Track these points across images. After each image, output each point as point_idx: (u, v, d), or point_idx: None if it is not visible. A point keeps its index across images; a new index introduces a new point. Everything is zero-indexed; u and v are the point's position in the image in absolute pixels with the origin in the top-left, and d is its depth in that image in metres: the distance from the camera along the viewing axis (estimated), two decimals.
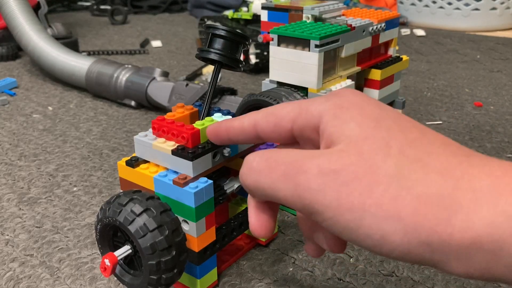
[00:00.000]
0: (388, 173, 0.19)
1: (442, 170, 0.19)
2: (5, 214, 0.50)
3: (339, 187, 0.19)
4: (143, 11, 1.80)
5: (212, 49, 0.37)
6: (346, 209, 0.19)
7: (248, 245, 0.44)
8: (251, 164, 0.22)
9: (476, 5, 1.44)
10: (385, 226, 0.19)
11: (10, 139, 0.69)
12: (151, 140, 0.37)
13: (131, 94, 0.79)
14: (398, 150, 0.20)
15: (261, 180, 0.22)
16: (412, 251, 0.19)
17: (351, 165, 0.19)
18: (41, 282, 0.40)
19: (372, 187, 0.19)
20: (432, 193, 0.18)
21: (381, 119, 0.21)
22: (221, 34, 0.37)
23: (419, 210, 0.18)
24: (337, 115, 0.21)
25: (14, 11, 0.94)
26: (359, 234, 0.19)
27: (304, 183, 0.20)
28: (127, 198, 0.33)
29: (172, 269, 0.33)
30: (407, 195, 0.18)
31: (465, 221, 0.18)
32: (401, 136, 0.20)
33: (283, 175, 0.21)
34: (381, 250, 0.19)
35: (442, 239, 0.18)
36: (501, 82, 0.96)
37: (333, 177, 0.19)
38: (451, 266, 0.19)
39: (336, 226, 0.20)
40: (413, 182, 0.19)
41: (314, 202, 0.20)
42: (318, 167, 0.20)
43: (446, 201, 0.18)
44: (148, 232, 0.32)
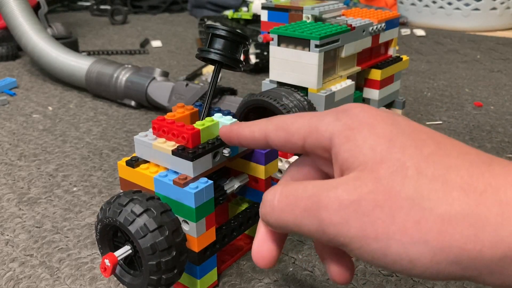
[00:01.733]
0: (408, 196, 0.19)
1: (463, 185, 0.18)
2: (5, 214, 0.50)
3: (361, 217, 0.19)
4: (143, 11, 1.80)
5: (212, 49, 0.37)
6: (371, 238, 0.19)
7: (248, 245, 0.44)
8: (273, 203, 0.22)
9: (476, 5, 1.44)
10: (412, 251, 0.18)
11: (10, 139, 0.69)
12: (151, 140, 0.37)
13: (131, 94, 0.79)
14: (415, 170, 0.19)
15: (284, 218, 0.22)
16: (442, 271, 0.19)
17: (370, 193, 0.19)
18: (41, 282, 0.40)
19: (393, 213, 0.19)
20: (455, 212, 0.18)
21: (394, 137, 0.20)
22: (221, 34, 0.37)
23: (444, 231, 0.18)
24: (349, 137, 0.21)
25: (14, 11, 0.94)
26: (388, 261, 0.19)
27: (326, 218, 0.20)
28: (128, 199, 0.33)
29: (172, 270, 0.33)
30: (430, 217, 0.18)
31: (494, 236, 0.17)
32: (416, 153, 0.20)
33: (305, 211, 0.21)
34: (411, 273, 0.19)
35: (472, 257, 0.18)
36: (501, 82, 0.96)
37: (354, 208, 0.19)
38: (485, 280, 0.18)
39: (364, 256, 0.20)
40: (435, 202, 0.18)
41: (340, 236, 0.20)
42: (337, 200, 0.20)
43: (472, 218, 0.18)
44: (148, 232, 0.32)
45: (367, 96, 0.59)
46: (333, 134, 0.22)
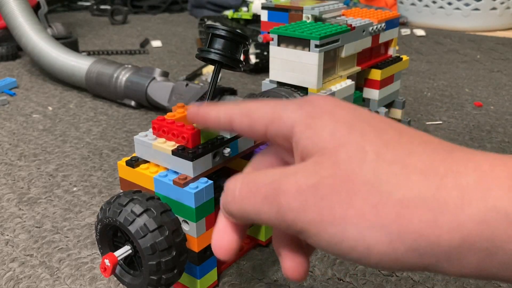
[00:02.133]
0: (366, 180, 0.18)
1: (423, 170, 0.18)
2: (5, 214, 0.50)
3: (319, 202, 0.19)
4: (143, 11, 1.80)
5: (212, 49, 0.37)
6: (328, 223, 0.19)
7: (248, 245, 0.44)
8: (234, 192, 0.22)
9: (476, 5, 1.44)
10: (368, 237, 0.18)
11: (10, 139, 0.69)
12: (151, 140, 0.37)
13: (131, 94, 0.79)
14: (374, 154, 0.19)
15: (244, 206, 0.21)
16: (399, 259, 0.18)
17: (328, 177, 0.19)
18: (41, 282, 0.40)
19: (351, 197, 0.18)
20: (414, 196, 0.18)
21: (354, 123, 0.20)
22: (221, 34, 0.37)
23: (402, 215, 0.17)
24: (310, 125, 0.21)
25: (14, 11, 0.94)
26: (344, 247, 0.19)
27: (285, 203, 0.20)
28: (128, 199, 0.33)
29: (172, 270, 0.33)
30: (388, 201, 0.18)
31: (453, 221, 0.17)
32: (376, 138, 0.19)
33: (264, 198, 0.20)
34: (368, 262, 0.19)
35: (430, 242, 0.17)
36: (501, 82, 0.96)
37: (311, 192, 0.19)
38: (443, 267, 0.18)
39: (320, 243, 0.19)
40: (393, 186, 0.18)
41: (297, 221, 0.19)
42: (296, 184, 0.19)
43: (431, 202, 0.17)
44: (148, 232, 0.32)
45: (367, 96, 0.59)
46: (294, 122, 0.21)
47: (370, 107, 0.59)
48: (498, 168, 0.17)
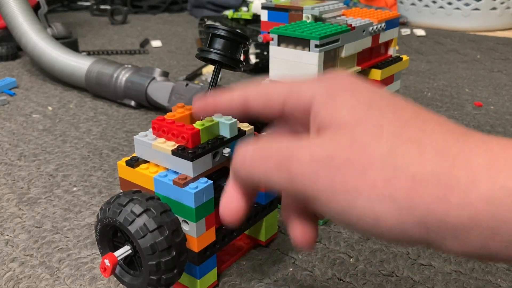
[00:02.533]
0: (381, 155, 0.19)
1: (437, 149, 0.18)
2: (5, 214, 0.50)
3: (332, 172, 0.19)
4: (143, 11, 1.80)
5: (212, 49, 0.37)
6: (339, 192, 0.19)
7: (248, 245, 0.44)
8: (244, 157, 0.22)
9: (476, 5, 1.44)
10: (378, 208, 0.18)
11: (10, 139, 0.69)
12: (151, 140, 0.37)
13: (131, 94, 0.79)
14: (391, 131, 0.19)
15: (255, 170, 0.22)
16: (407, 232, 0.18)
17: (344, 150, 0.19)
18: (41, 282, 0.40)
19: (365, 169, 0.19)
20: (427, 172, 0.18)
21: (374, 102, 0.21)
22: (221, 34, 0.36)
23: (413, 190, 0.18)
24: (329, 99, 0.21)
25: (14, 11, 0.94)
26: (353, 216, 0.19)
27: (297, 171, 0.20)
28: (127, 199, 0.33)
29: (172, 270, 0.33)
30: (401, 175, 0.18)
31: (462, 198, 0.17)
32: (394, 117, 0.20)
33: (277, 165, 0.21)
34: (375, 232, 0.19)
35: (438, 218, 0.18)
36: (501, 82, 0.96)
37: (326, 163, 0.19)
38: (447, 245, 0.18)
39: (330, 211, 0.20)
40: (408, 162, 0.18)
41: (308, 189, 0.20)
42: (310, 154, 0.20)
43: (442, 179, 0.18)
44: (148, 232, 0.32)
45: None
46: (314, 95, 0.22)
47: None
48: (509, 151, 0.18)
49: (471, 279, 0.40)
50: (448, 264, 0.42)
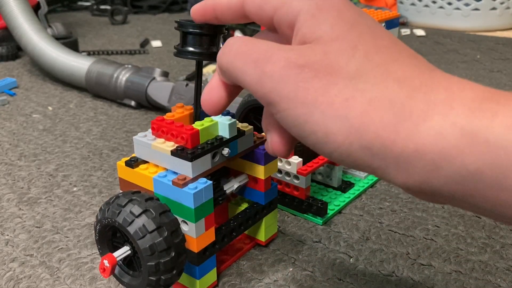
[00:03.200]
0: (347, 75, 0.19)
1: (401, 78, 0.19)
2: (5, 214, 0.50)
3: (299, 81, 0.20)
4: (143, 11, 1.80)
5: (187, 49, 0.34)
6: (299, 102, 0.20)
7: (248, 245, 0.44)
8: (232, 46, 0.23)
9: (476, 5, 1.44)
10: (330, 125, 0.19)
11: (10, 139, 0.69)
12: (150, 140, 0.37)
13: (131, 94, 0.79)
14: (364, 53, 0.20)
15: (235, 61, 0.22)
16: (352, 154, 0.19)
17: (315, 63, 0.20)
18: (41, 282, 0.40)
19: (328, 86, 0.19)
20: (384, 98, 0.18)
21: (356, 23, 0.21)
22: (191, 30, 0.34)
23: (367, 113, 0.18)
24: (314, 15, 0.21)
25: (14, 11, 0.94)
26: (306, 129, 0.20)
27: (269, 72, 0.21)
28: (126, 199, 0.33)
29: (171, 270, 0.33)
30: (360, 98, 0.19)
31: (411, 129, 0.18)
32: (371, 41, 0.20)
33: (254, 61, 0.21)
34: (323, 149, 0.20)
35: (384, 145, 0.18)
36: (501, 82, 0.96)
37: (296, 71, 0.20)
38: (390, 173, 0.19)
39: (287, 119, 0.21)
40: (369, 86, 0.19)
41: (273, 92, 0.21)
42: (285, 60, 0.20)
43: (397, 108, 0.18)
44: (147, 233, 0.32)
45: None
46: (301, 10, 0.22)
47: None
48: (467, 91, 0.18)
49: (471, 279, 0.40)
50: (448, 264, 0.42)
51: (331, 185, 0.54)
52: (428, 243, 0.45)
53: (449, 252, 0.44)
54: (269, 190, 0.42)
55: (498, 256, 0.43)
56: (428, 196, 0.19)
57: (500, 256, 0.43)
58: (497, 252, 0.44)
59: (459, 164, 0.17)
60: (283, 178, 0.49)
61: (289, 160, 0.47)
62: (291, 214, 0.50)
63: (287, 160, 0.47)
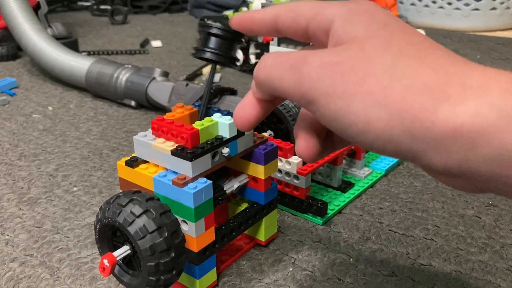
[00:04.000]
0: (383, 66, 0.20)
1: (435, 66, 0.20)
2: (5, 214, 0.50)
3: (336, 76, 0.21)
4: (143, 11, 1.80)
5: (207, 48, 0.37)
6: (338, 95, 0.21)
7: (248, 245, 0.44)
8: (268, 59, 0.24)
9: (476, 5, 1.44)
10: (370, 113, 0.20)
11: (10, 139, 0.69)
12: (150, 140, 0.37)
13: (131, 94, 0.79)
14: (398, 47, 0.21)
15: (272, 72, 0.23)
16: (394, 139, 0.20)
17: (351, 58, 0.21)
18: (41, 282, 0.40)
19: (365, 77, 0.20)
20: (421, 84, 0.19)
21: (389, 23, 0.22)
22: (215, 32, 0.36)
23: (405, 99, 0.19)
24: (348, 19, 0.22)
25: (14, 11, 0.94)
26: (346, 121, 0.21)
27: (306, 72, 0.22)
28: (127, 199, 0.33)
29: (171, 271, 0.33)
30: (397, 85, 0.19)
31: (450, 110, 0.18)
32: (404, 37, 0.21)
33: (290, 67, 0.22)
34: (364, 138, 0.20)
35: (424, 127, 0.19)
36: None
37: (332, 68, 0.21)
38: (430, 156, 0.19)
39: (327, 114, 0.21)
40: (406, 74, 0.20)
41: (312, 90, 0.21)
42: (321, 59, 0.21)
43: (434, 92, 0.19)
44: (147, 233, 0.32)
45: None
46: (335, 16, 0.23)
47: None
48: (501, 76, 0.19)
49: (471, 279, 0.40)
50: (448, 264, 0.42)
51: (331, 185, 0.54)
52: (428, 243, 0.45)
53: (449, 252, 0.44)
54: (269, 190, 0.42)
55: (498, 256, 0.43)
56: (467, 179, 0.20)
57: (500, 256, 0.43)
58: (497, 252, 0.44)
59: (497, 142, 0.18)
60: (283, 178, 0.49)
61: (289, 160, 0.47)
62: (291, 214, 0.50)
63: (287, 160, 0.47)
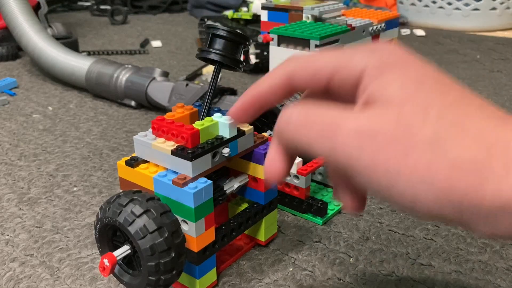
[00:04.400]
0: (425, 138, 0.19)
1: (477, 136, 0.19)
2: (5, 214, 0.50)
3: (375, 150, 0.20)
4: (143, 11, 1.80)
5: (212, 49, 0.37)
6: (381, 171, 0.20)
7: (248, 245, 0.44)
8: (290, 117, 0.22)
9: (476, 5, 1.44)
10: (417, 190, 0.19)
11: (10, 139, 0.69)
12: (150, 140, 0.37)
13: (131, 94, 0.79)
14: (436, 113, 0.20)
15: (298, 135, 0.22)
16: (442, 213, 0.19)
17: (389, 128, 0.20)
18: (41, 282, 0.40)
19: (408, 151, 0.19)
20: (466, 159, 0.19)
21: (423, 80, 0.21)
22: (221, 34, 0.37)
23: (452, 176, 0.19)
24: (381, 72, 0.21)
25: (14, 11, 0.94)
26: (393, 195, 0.20)
27: (341, 142, 0.20)
28: (127, 199, 0.33)
29: (171, 271, 0.33)
30: (442, 161, 0.19)
31: (496, 187, 0.18)
32: (440, 98, 0.20)
33: (321, 133, 0.21)
34: (414, 211, 0.20)
35: (473, 204, 0.19)
36: (501, 82, 0.96)
37: (370, 139, 0.20)
38: (479, 228, 0.19)
39: (371, 187, 0.20)
40: (449, 147, 0.19)
41: (350, 163, 0.20)
42: (356, 126, 0.20)
43: (479, 167, 0.19)
44: (148, 233, 0.32)
45: None
46: (365, 67, 0.22)
47: None
48: None
49: (471, 279, 0.40)
50: (448, 264, 0.42)
51: (331, 185, 0.54)
52: (428, 243, 0.45)
53: (449, 252, 0.44)
54: (269, 190, 0.42)
55: (498, 256, 0.43)
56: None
57: (500, 256, 0.43)
58: (497, 252, 0.44)
59: None
60: None
61: None
62: (291, 214, 0.50)
63: None
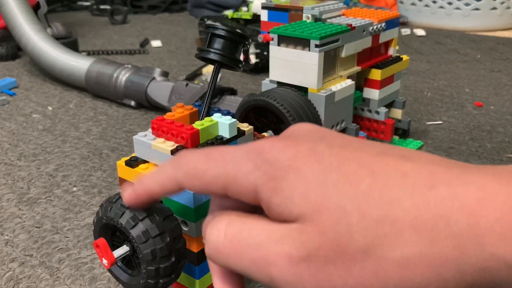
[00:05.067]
0: (359, 248, 0.18)
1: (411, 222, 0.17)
2: (5, 214, 0.50)
3: (315, 274, 0.18)
4: (143, 11, 1.80)
5: (211, 49, 0.37)
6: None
7: None
8: (217, 245, 0.21)
9: (476, 5, 1.44)
10: None
11: (10, 139, 0.69)
12: (150, 140, 0.36)
13: (131, 94, 0.79)
14: (358, 214, 0.18)
15: (231, 264, 0.20)
16: None
17: (319, 249, 0.18)
18: (41, 282, 0.40)
19: (348, 267, 0.18)
20: (411, 254, 0.17)
21: (324, 176, 0.19)
22: (220, 34, 0.36)
23: (404, 277, 0.17)
24: (275, 189, 0.19)
25: (14, 11, 0.94)
26: None
27: (278, 276, 0.19)
28: None
29: (170, 275, 0.33)
30: (387, 265, 0.17)
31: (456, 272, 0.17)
32: (354, 191, 0.18)
33: (253, 264, 0.20)
34: None
35: None
36: (502, 82, 0.96)
37: (305, 266, 0.18)
38: None
39: None
40: (388, 248, 0.17)
41: None
42: (286, 257, 0.19)
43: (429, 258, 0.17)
44: (149, 238, 0.32)
45: (367, 96, 0.59)
46: (256, 187, 0.20)
47: (370, 107, 0.59)
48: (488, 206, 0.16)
49: None
50: None
51: None
52: None
53: None
54: None
55: None
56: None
57: None
58: None
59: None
60: None
61: None
62: None
63: None
